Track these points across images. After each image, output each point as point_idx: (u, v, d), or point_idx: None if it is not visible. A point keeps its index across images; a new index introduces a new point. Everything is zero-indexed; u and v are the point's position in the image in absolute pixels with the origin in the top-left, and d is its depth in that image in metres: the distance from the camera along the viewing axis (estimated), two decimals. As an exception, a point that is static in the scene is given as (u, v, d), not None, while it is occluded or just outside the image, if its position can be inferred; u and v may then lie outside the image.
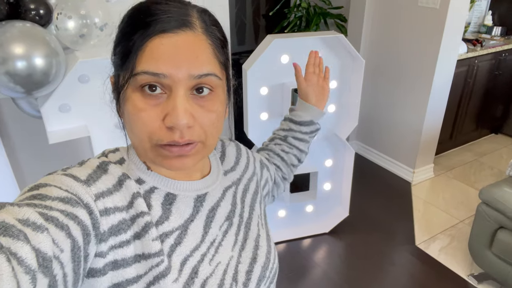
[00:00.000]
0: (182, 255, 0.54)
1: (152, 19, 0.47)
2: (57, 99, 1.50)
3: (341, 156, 2.25)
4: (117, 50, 0.51)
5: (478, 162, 3.23)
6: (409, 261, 2.19)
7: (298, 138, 0.89)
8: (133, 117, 0.49)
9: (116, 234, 0.49)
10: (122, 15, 0.52)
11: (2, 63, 1.27)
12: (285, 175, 0.88)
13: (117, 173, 0.52)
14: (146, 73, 0.47)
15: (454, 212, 2.61)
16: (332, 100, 2.08)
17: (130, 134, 0.52)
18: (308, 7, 2.96)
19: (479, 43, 3.09)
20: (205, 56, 0.49)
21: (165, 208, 0.55)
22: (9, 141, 1.92)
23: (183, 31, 0.48)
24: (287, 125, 0.90)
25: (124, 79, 0.49)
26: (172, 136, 0.48)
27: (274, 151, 0.88)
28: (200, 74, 0.48)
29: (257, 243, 0.65)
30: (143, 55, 0.47)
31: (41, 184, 0.46)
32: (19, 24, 1.33)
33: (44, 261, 0.37)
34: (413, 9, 2.58)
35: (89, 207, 0.46)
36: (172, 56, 0.47)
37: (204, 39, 0.49)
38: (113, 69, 0.53)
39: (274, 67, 1.90)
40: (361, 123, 3.22)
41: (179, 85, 0.47)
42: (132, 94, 0.49)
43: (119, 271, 0.49)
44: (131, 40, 0.48)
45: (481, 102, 3.29)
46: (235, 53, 3.31)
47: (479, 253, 1.99)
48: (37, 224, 0.38)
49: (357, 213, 2.55)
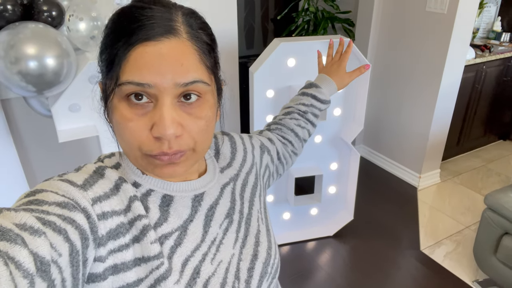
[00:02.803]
0: (183, 256, 0.54)
1: (136, 25, 0.46)
2: (68, 98, 1.54)
3: (346, 159, 2.25)
4: (103, 57, 0.49)
5: (485, 168, 3.21)
6: (414, 266, 2.18)
7: (315, 114, 0.92)
8: (121, 126, 0.48)
9: (114, 238, 0.49)
10: (107, 20, 0.51)
11: (14, 63, 1.31)
12: (295, 150, 0.88)
13: (114, 177, 0.52)
14: (130, 83, 0.46)
15: (460, 218, 2.60)
16: (338, 104, 2.09)
17: (121, 142, 0.51)
18: (316, 11, 2.98)
19: (488, 48, 3.08)
20: (190, 62, 0.47)
21: (163, 210, 0.55)
22: (20, 139, 1.96)
23: (167, 38, 0.46)
24: (308, 100, 0.91)
25: (110, 88, 0.48)
26: (160, 147, 0.47)
27: (289, 126, 0.87)
28: (186, 82, 0.47)
29: (258, 239, 0.64)
30: (127, 65, 0.46)
31: (37, 190, 0.46)
32: (32, 25, 1.36)
33: (42, 265, 0.37)
34: (421, 14, 2.59)
35: (86, 211, 0.46)
36: (156, 65, 0.45)
37: (189, 45, 0.48)
38: (100, 75, 0.52)
39: (280, 70, 1.92)
40: (368, 127, 3.22)
41: (165, 94, 0.46)
42: (118, 103, 0.48)
43: (120, 275, 0.49)
44: (115, 48, 0.47)
45: (489, 108, 3.27)
46: (243, 56, 3.33)
47: (484, 259, 1.98)
48: (35, 228, 0.38)
49: (362, 217, 2.55)
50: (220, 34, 2.51)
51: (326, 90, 0.92)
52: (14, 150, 1.76)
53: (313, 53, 1.92)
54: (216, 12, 2.19)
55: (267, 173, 0.77)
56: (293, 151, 0.87)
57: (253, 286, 0.61)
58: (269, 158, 0.77)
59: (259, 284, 0.62)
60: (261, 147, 0.76)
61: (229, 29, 2.28)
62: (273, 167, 0.79)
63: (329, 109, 2.05)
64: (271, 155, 0.78)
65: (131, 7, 0.48)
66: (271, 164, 0.79)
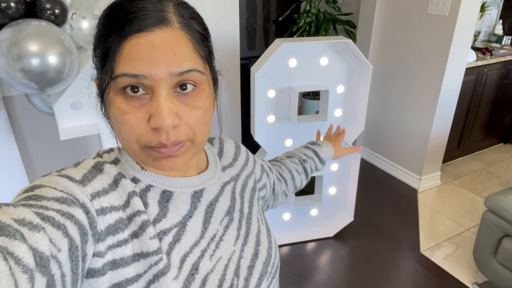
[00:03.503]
0: (182, 252, 0.54)
1: (127, 18, 0.46)
2: (70, 96, 1.54)
3: (346, 160, 2.25)
4: (97, 52, 0.49)
5: (485, 171, 3.21)
6: (413, 268, 2.18)
7: (311, 169, 1.00)
8: (119, 120, 0.48)
9: (113, 234, 0.49)
10: (99, 15, 0.51)
11: (17, 60, 1.32)
12: (287, 191, 0.92)
13: (113, 173, 0.52)
14: (125, 75, 0.45)
15: (460, 220, 2.60)
16: (339, 105, 2.09)
17: (119, 137, 0.51)
18: (318, 13, 2.99)
19: (489, 51, 3.09)
20: (184, 52, 0.47)
21: (162, 206, 0.54)
22: (21, 136, 1.97)
23: (160, 28, 0.46)
24: (310, 154, 1.00)
25: (105, 82, 0.48)
26: (158, 138, 0.47)
27: (288, 167, 0.93)
28: (181, 71, 0.47)
29: (258, 238, 0.64)
30: (121, 57, 0.46)
31: (35, 185, 0.46)
32: (35, 23, 1.37)
33: (42, 261, 0.37)
34: (422, 16, 2.59)
35: (85, 206, 0.46)
36: (150, 56, 0.45)
37: (182, 34, 0.47)
38: (95, 71, 0.52)
39: (282, 71, 1.92)
40: (368, 129, 3.22)
41: (160, 84, 0.46)
42: (114, 97, 0.48)
43: (119, 271, 0.49)
44: (108, 42, 0.46)
45: (490, 111, 3.27)
46: (245, 58, 3.34)
47: (484, 261, 1.98)
48: (34, 223, 0.38)
49: (362, 218, 2.55)
50: (222, 36, 2.53)
51: (325, 151, 1.03)
52: (16, 147, 1.77)
53: (314, 54, 1.93)
54: (218, 14, 2.19)
55: (263, 192, 0.78)
56: (284, 191, 0.91)
57: (252, 284, 0.61)
58: (267, 180, 0.79)
59: (259, 282, 0.62)
60: (262, 167, 0.78)
61: (231, 30, 2.29)
62: (270, 191, 0.82)
63: (330, 110, 2.05)
64: (269, 179, 0.80)
65: (121, 1, 0.48)
66: (269, 188, 0.81)
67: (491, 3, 3.48)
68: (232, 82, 2.41)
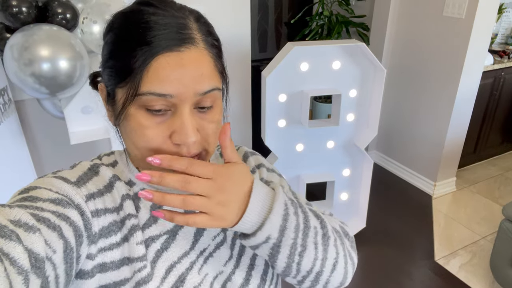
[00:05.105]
0: (168, 262, 0.52)
1: (153, 34, 0.45)
2: (80, 101, 1.54)
3: (359, 165, 2.21)
4: (111, 63, 0.48)
5: (503, 177, 3.12)
6: (428, 277, 2.13)
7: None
8: (137, 133, 0.48)
9: (106, 236, 0.49)
10: (108, 23, 0.50)
11: (28, 65, 1.32)
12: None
13: (108, 175, 0.52)
14: (152, 94, 0.45)
15: (476, 227, 2.53)
16: (352, 110, 2.05)
17: (131, 145, 0.50)
18: (330, 15, 2.95)
19: (506, 54, 3.01)
20: (208, 71, 0.48)
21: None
22: (33, 140, 1.98)
23: (187, 48, 0.46)
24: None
25: (127, 97, 0.47)
26: (179, 151, 0.48)
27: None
28: (205, 91, 0.47)
29: (253, 262, 0.59)
30: (148, 75, 0.45)
31: (31, 187, 0.46)
32: (46, 27, 1.37)
33: (37, 262, 0.37)
34: (438, 19, 2.54)
35: (80, 208, 0.46)
36: (179, 76, 0.45)
37: (206, 53, 0.48)
38: (104, 79, 0.51)
39: (293, 75, 1.90)
40: (382, 133, 3.17)
41: (185, 103, 0.46)
42: (136, 112, 0.47)
43: (107, 274, 0.49)
44: (133, 57, 0.45)
45: (507, 115, 3.19)
46: (256, 60, 3.32)
47: (501, 271, 1.92)
48: (29, 224, 0.38)
49: (375, 224, 2.51)
50: (233, 38, 2.52)
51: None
52: (27, 150, 1.78)
53: (327, 57, 1.89)
54: (229, 16, 2.18)
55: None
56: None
57: None
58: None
59: None
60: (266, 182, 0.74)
61: (242, 33, 2.27)
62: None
63: (342, 114, 2.02)
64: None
65: (140, 11, 0.47)
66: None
67: (509, 5, 3.40)
68: (243, 87, 2.39)
